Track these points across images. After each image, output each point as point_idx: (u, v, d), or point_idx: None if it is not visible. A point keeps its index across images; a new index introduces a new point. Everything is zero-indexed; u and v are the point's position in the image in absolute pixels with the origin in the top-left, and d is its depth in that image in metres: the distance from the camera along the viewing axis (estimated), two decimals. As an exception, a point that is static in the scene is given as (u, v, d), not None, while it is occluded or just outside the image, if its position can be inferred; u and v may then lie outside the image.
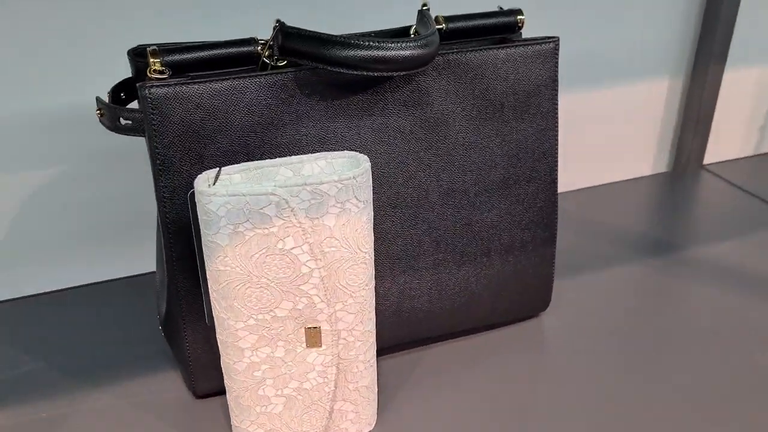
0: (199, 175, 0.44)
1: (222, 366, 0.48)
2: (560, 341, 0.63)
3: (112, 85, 0.54)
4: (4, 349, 0.63)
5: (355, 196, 0.44)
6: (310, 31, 0.48)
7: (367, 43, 0.47)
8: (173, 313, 0.53)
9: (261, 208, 0.42)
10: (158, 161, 0.47)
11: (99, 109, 0.50)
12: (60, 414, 0.55)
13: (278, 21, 0.50)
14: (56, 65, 0.64)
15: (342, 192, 0.44)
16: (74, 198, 0.69)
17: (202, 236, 0.44)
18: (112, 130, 0.49)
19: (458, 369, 0.59)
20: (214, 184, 0.44)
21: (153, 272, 0.74)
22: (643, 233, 0.80)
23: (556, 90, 0.57)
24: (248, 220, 0.42)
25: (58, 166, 0.68)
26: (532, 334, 0.64)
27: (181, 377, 0.58)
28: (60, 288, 0.72)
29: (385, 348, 0.60)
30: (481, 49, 0.54)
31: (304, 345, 0.47)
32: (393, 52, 0.48)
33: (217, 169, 0.44)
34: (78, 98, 0.65)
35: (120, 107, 0.48)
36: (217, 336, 0.48)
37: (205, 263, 0.45)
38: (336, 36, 0.48)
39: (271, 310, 0.45)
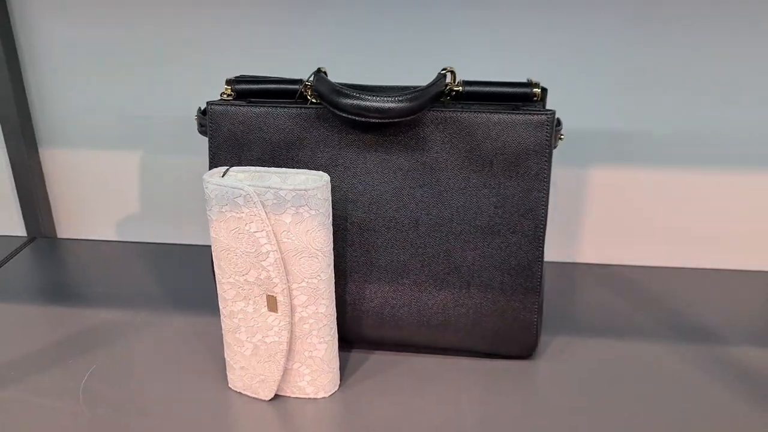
0: (213, 168, 0.63)
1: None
2: (540, 388, 0.68)
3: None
4: (140, 275, 0.90)
5: (307, 204, 0.59)
6: (327, 80, 0.64)
7: (353, 94, 0.62)
8: (214, 268, 0.72)
9: (234, 198, 0.59)
10: (210, 156, 0.67)
11: (197, 116, 0.71)
12: (148, 320, 0.79)
13: (319, 69, 0.66)
14: (189, 85, 0.89)
15: (296, 199, 0.59)
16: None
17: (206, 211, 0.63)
18: (198, 131, 0.71)
19: (426, 379, 0.69)
20: (223, 176, 0.62)
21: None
22: (703, 322, 0.79)
23: (547, 157, 0.64)
24: (227, 204, 0.60)
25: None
26: (515, 374, 0.70)
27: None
28: (188, 243, 0.98)
29: (374, 343, 0.73)
30: (475, 111, 0.64)
31: (266, 308, 0.63)
32: (371, 103, 0.61)
33: (227, 167, 0.63)
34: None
35: (202, 116, 0.69)
36: (218, 286, 0.66)
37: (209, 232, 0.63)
38: (338, 85, 0.63)
39: (243, 275, 0.62)
